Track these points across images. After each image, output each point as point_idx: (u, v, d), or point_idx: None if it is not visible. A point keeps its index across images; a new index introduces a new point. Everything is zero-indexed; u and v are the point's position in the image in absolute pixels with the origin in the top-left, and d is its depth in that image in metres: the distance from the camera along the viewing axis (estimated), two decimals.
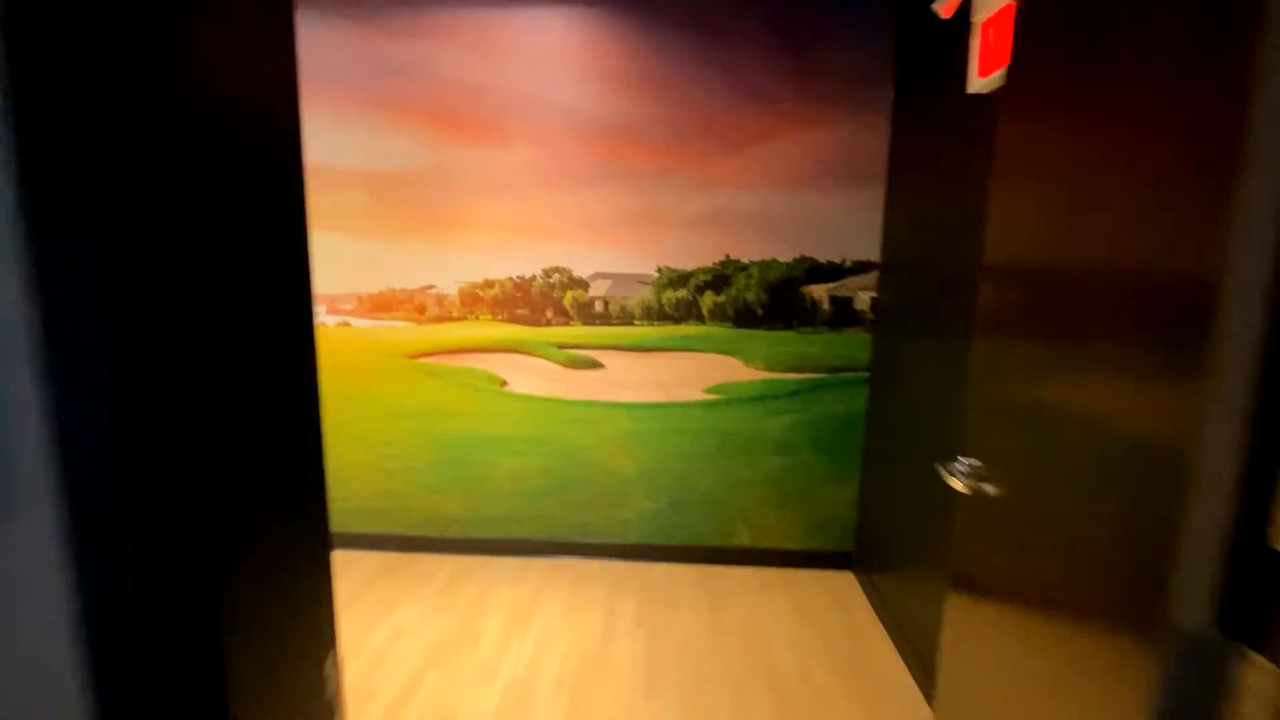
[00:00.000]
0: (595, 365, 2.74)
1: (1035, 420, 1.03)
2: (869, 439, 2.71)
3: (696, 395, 2.75)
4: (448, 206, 2.65)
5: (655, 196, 2.60)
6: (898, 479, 2.35)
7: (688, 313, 2.69)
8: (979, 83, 1.78)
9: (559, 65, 2.54)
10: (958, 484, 1.21)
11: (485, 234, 2.66)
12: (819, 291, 2.68)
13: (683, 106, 2.55)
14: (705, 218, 2.62)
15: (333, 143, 2.65)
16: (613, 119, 2.56)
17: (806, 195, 2.61)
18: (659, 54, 2.52)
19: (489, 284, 2.69)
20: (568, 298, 2.69)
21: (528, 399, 2.77)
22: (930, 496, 2.04)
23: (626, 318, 2.71)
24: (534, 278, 2.68)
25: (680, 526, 2.84)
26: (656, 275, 2.65)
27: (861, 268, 2.66)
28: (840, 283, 2.67)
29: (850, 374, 2.73)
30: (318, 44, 2.59)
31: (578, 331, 2.73)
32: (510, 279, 2.68)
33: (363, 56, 2.58)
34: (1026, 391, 1.05)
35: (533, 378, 2.77)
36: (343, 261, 2.75)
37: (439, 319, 2.76)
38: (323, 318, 2.80)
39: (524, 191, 2.62)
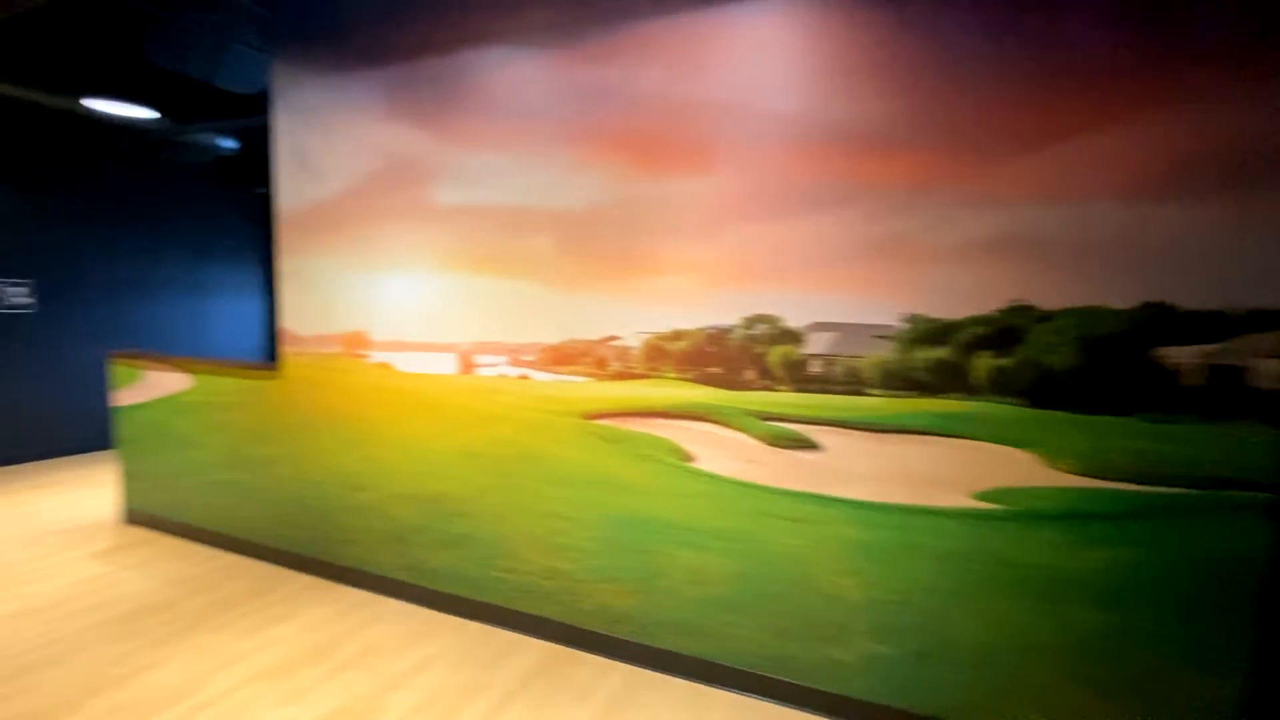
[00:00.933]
0: (809, 445, 2.06)
1: None
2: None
3: (960, 501, 1.90)
4: (637, 246, 2.26)
5: (904, 220, 1.89)
6: None
7: (950, 380, 1.89)
8: None
9: (778, 66, 2.02)
10: None
11: (677, 277, 2.20)
12: (1182, 356, 1.69)
13: (950, 96, 1.83)
14: (982, 246, 1.82)
15: (523, 184, 2.45)
16: (845, 125, 1.94)
17: (1156, 208, 1.68)
18: (916, 31, 1.86)
19: (677, 335, 2.21)
20: (775, 354, 2.07)
21: (716, 480, 2.18)
22: None
23: (855, 384, 1.99)
24: (732, 329, 2.12)
25: (928, 690, 1.95)
26: (903, 327, 1.91)
27: (1265, 320, 1.61)
28: (1224, 344, 1.65)
29: (1238, 493, 1.65)
30: (512, 80, 2.43)
31: (786, 399, 2.09)
32: (702, 330, 2.16)
33: (557, 87, 2.35)
34: None
35: (724, 454, 2.18)
36: (528, 310, 2.50)
37: (619, 375, 2.34)
38: (503, 369, 2.57)
39: (726, 225, 2.10)
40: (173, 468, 3.57)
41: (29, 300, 5.16)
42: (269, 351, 6.87)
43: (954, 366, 1.87)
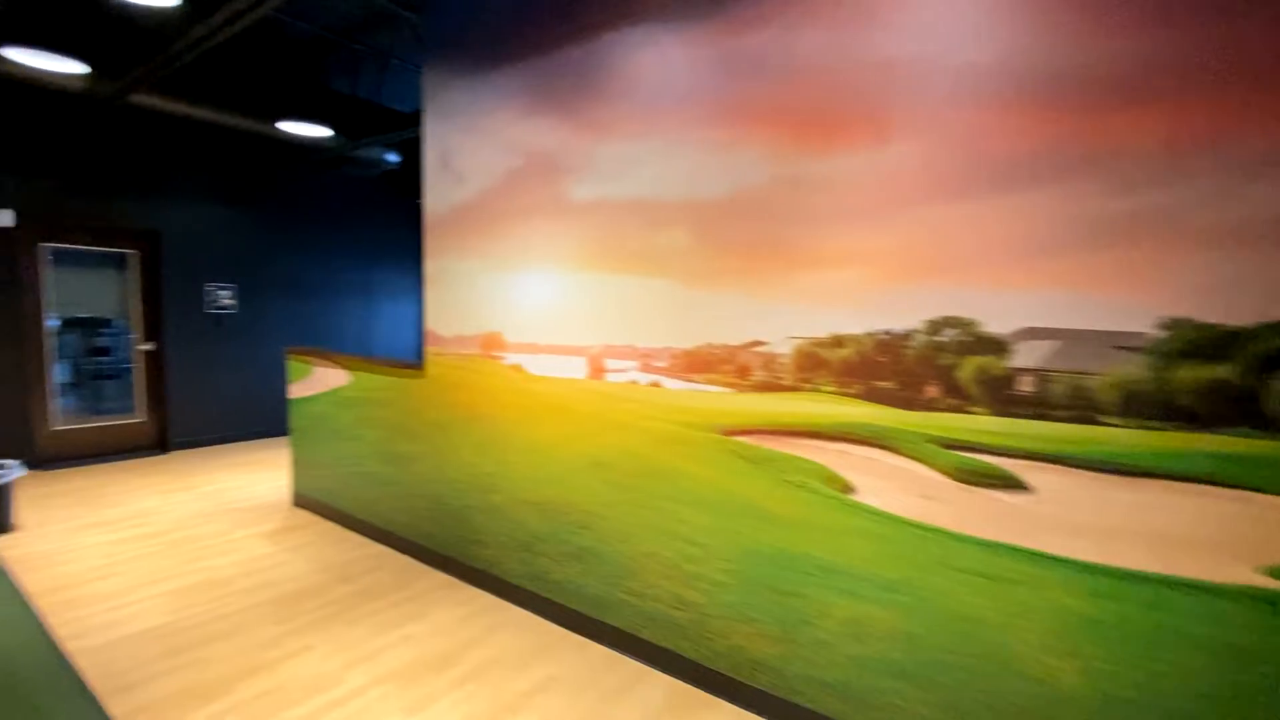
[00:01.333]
0: (1012, 484, 1.62)
1: None
2: None
3: (1244, 576, 1.37)
4: (790, 236, 1.95)
5: (1163, 192, 1.41)
6: None
7: (1234, 410, 1.37)
8: None
9: (974, 3, 1.62)
10: None
11: (840, 271, 1.85)
12: None
13: (1244, 21, 1.33)
14: None
15: (661, 173, 2.23)
16: (1073, 71, 1.49)
17: None
18: None
19: (837, 341, 1.86)
20: (968, 367, 1.66)
21: (883, 519, 1.80)
22: None
23: (1084, 409, 1.53)
24: (910, 334, 1.74)
25: None
26: (1160, 335, 1.43)
27: None
28: None
29: None
30: (653, 61, 2.23)
31: (982, 424, 1.66)
32: (871, 335, 1.80)
33: (703, 63, 2.11)
34: None
35: (894, 487, 1.79)
36: (661, 311, 2.29)
37: (764, 386, 2.04)
38: (633, 375, 2.38)
39: (905, 206, 1.73)
40: (332, 457, 3.82)
41: (232, 301, 5.92)
42: (421, 351, 7.36)
43: (1242, 391, 1.35)
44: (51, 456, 4.98)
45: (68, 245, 5.02)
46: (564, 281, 2.59)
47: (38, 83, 3.93)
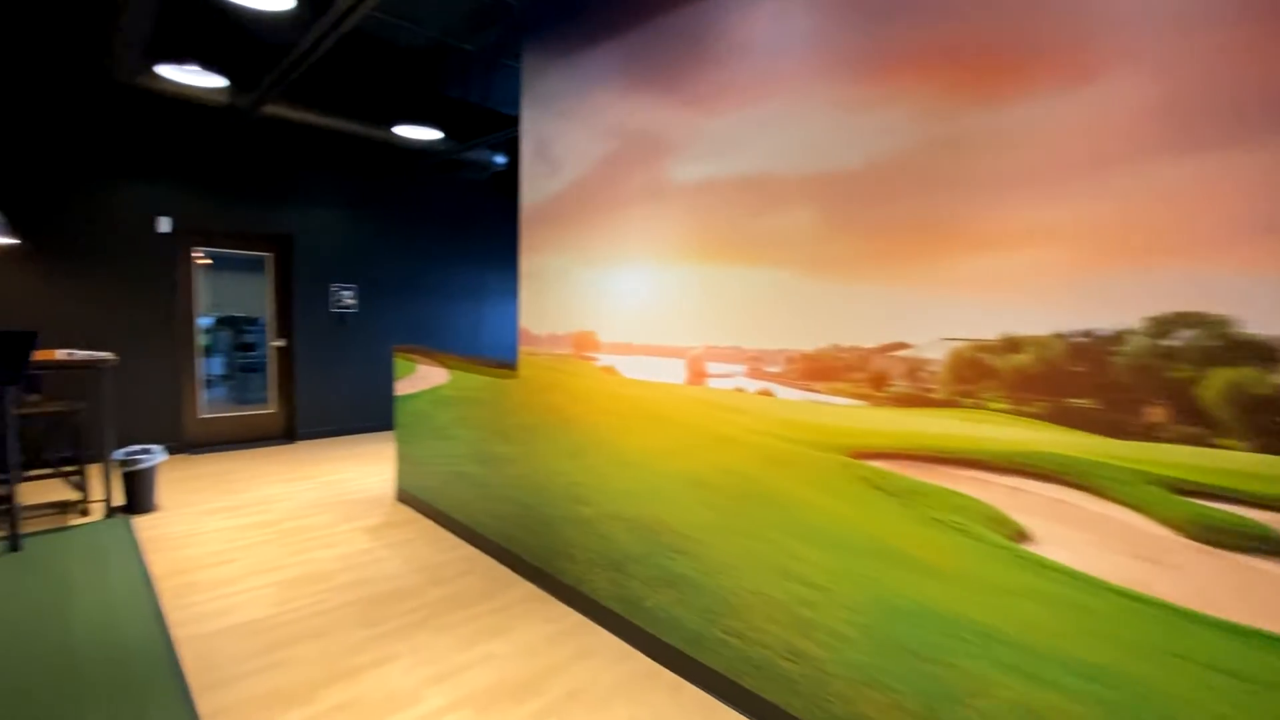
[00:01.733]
0: None
1: None
2: None
3: None
4: (945, 212, 1.55)
5: None
6: None
7: None
8: None
9: None
10: None
11: (1014, 254, 1.44)
12: None
13: None
14: None
15: (778, 145, 1.91)
16: None
17: None
18: None
19: (1011, 344, 1.44)
20: (1216, 382, 1.19)
21: (1075, 581, 1.36)
22: None
23: None
24: (1122, 335, 1.29)
25: None
26: None
27: None
28: None
29: None
30: (773, 11, 1.90)
31: (1238, 463, 1.18)
32: (1061, 337, 1.37)
33: (832, 7, 1.76)
34: None
35: (1094, 540, 1.35)
36: (774, 307, 1.96)
37: (906, 400, 1.65)
38: (739, 381, 2.06)
39: (1113, 164, 1.29)
40: (431, 455, 3.82)
41: (354, 301, 6.23)
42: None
43: None
44: (197, 442, 5.45)
45: (215, 249, 5.49)
46: (662, 274, 2.32)
47: (188, 98, 4.27)
